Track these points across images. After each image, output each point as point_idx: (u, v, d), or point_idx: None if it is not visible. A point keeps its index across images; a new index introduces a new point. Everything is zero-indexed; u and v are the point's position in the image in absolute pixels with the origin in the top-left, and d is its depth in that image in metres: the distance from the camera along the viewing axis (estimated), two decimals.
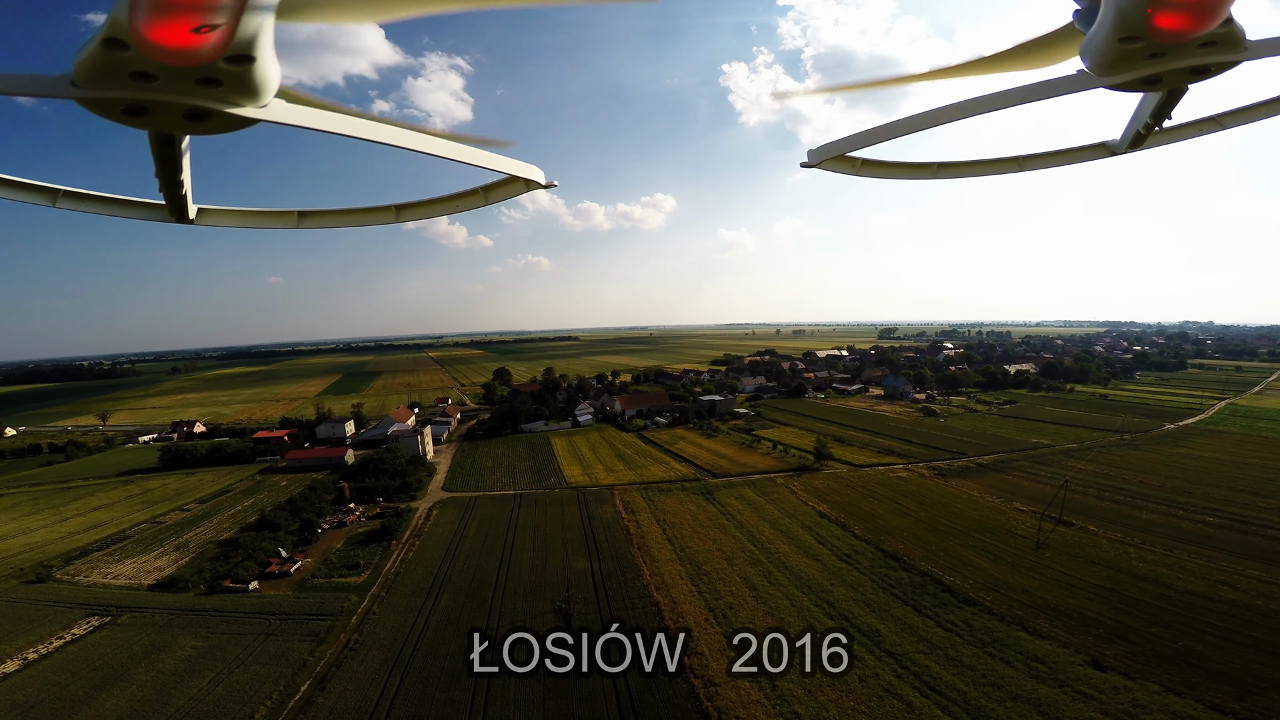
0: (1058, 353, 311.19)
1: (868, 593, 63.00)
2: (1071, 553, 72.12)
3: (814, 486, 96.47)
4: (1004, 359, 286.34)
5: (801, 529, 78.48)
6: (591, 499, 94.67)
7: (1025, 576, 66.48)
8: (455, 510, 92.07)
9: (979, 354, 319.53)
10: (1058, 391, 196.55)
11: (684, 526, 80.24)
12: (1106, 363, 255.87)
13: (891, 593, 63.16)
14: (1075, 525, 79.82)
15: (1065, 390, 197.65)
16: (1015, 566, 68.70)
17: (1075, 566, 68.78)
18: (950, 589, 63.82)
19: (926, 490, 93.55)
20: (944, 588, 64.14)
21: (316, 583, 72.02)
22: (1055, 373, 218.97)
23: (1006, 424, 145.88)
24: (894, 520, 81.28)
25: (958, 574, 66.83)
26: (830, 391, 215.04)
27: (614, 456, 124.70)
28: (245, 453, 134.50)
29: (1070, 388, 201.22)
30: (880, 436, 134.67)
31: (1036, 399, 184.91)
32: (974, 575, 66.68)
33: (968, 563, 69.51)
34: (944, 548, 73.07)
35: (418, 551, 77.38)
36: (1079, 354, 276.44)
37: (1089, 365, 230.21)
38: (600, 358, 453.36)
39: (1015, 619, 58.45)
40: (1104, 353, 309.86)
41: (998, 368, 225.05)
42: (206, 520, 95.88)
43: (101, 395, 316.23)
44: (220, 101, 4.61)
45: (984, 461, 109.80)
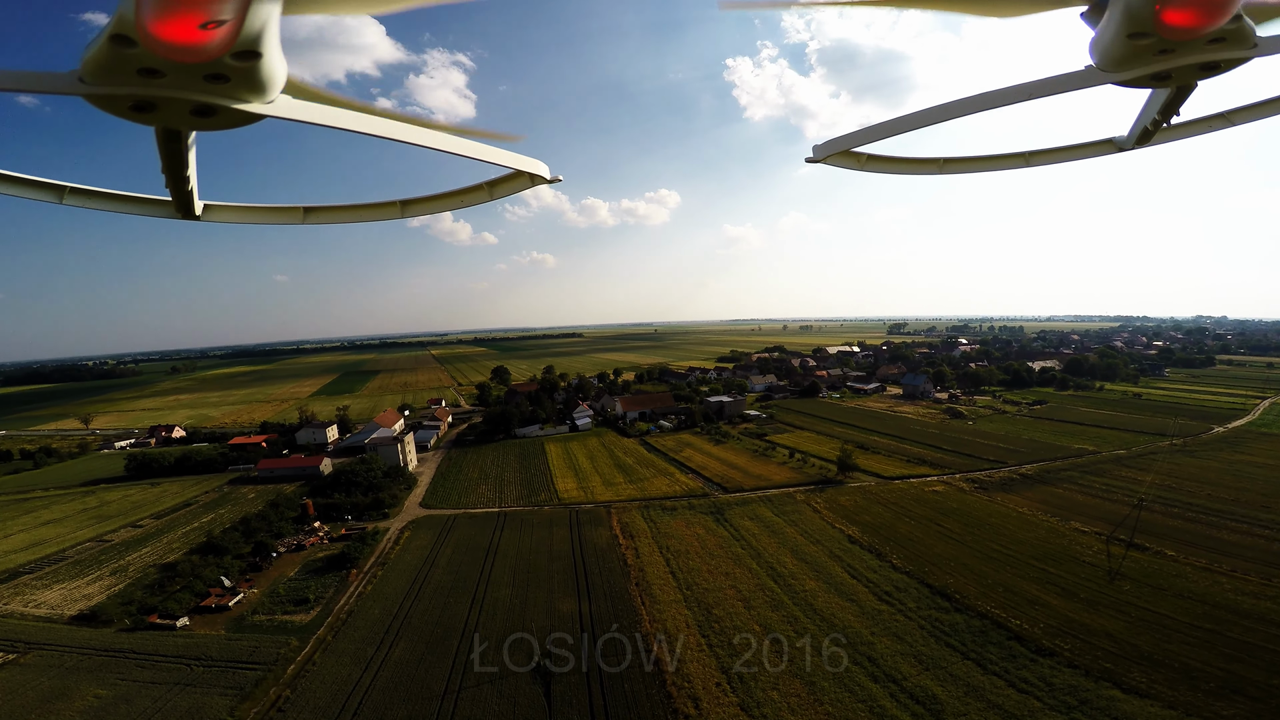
0: (1077, 348, 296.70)
1: (917, 643, 51.29)
2: (1153, 583, 60.45)
3: (839, 504, 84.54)
4: (1022, 355, 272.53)
5: (829, 558, 66.69)
6: (585, 519, 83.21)
7: (1105, 616, 54.96)
8: (430, 532, 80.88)
9: (997, 350, 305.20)
10: (1087, 390, 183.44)
11: (691, 555, 68.62)
12: (1133, 359, 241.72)
13: (946, 643, 51.47)
14: (1149, 549, 67.89)
15: (1095, 389, 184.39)
16: (1091, 603, 57.02)
17: (1162, 601, 57.33)
18: (1018, 635, 52.23)
19: (969, 508, 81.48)
20: (1010, 633, 52.57)
21: (257, 620, 61.27)
22: (1081, 370, 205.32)
23: (1040, 427, 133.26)
24: (937, 546, 69.37)
25: (1023, 615, 55.23)
26: (845, 391, 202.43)
27: (613, 467, 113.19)
28: (216, 461, 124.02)
29: (1100, 386, 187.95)
30: (907, 442, 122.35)
31: (1066, 398, 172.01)
32: (1043, 616, 55.05)
33: (1033, 599, 57.76)
34: (1002, 581, 61.23)
35: (379, 583, 66.28)
36: (1104, 350, 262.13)
37: (1116, 362, 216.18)
38: (603, 355, 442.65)
39: (1103, 672, 47.57)
40: (1125, 348, 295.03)
41: (1021, 365, 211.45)
42: (156, 539, 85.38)
43: (96, 397, 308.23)
44: (227, 97, 4.57)
45: (1027, 472, 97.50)
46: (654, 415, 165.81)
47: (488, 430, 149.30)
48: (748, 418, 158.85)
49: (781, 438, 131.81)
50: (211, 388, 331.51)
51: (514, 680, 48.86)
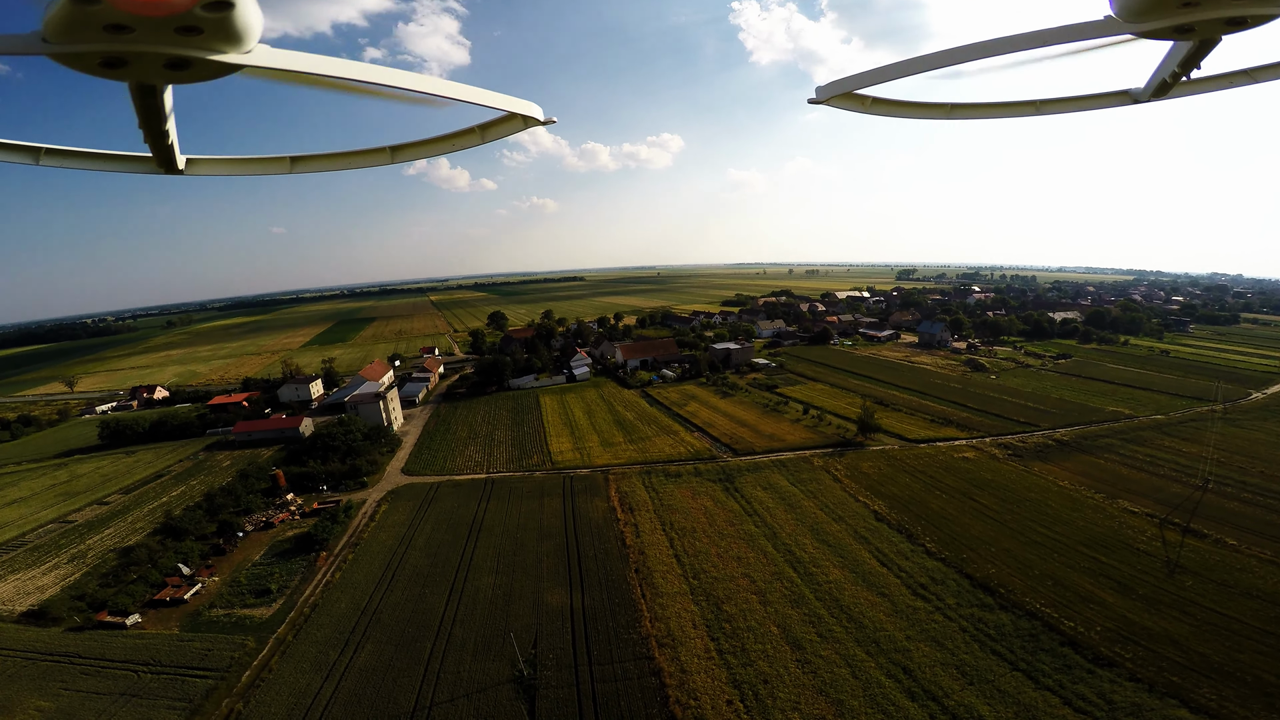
0: (1094, 300, 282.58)
1: (959, 650, 44.17)
2: (1217, 579, 53.06)
3: (861, 471, 76.57)
4: (1038, 305, 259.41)
5: (854, 540, 59.12)
6: (580, 487, 75.79)
7: (1167, 617, 47.85)
8: (410, 504, 73.76)
9: (1013, 299, 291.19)
10: (1110, 344, 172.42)
11: (697, 534, 61.19)
12: (1155, 313, 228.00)
13: (992, 649, 44.36)
14: (1208, 536, 59.98)
15: (1119, 343, 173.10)
16: (1150, 601, 49.77)
17: (1229, 601, 50.13)
18: (1073, 640, 45.15)
19: (1005, 479, 73.44)
20: (1063, 637, 45.52)
21: (214, 615, 54.92)
22: (1103, 323, 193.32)
23: (1068, 384, 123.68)
24: (974, 526, 61.67)
25: (1077, 614, 48.08)
26: (858, 338, 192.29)
27: (612, 423, 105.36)
28: (194, 425, 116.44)
29: (1124, 340, 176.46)
30: (929, 398, 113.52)
31: (1090, 352, 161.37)
32: (1099, 616, 47.89)
33: (1086, 596, 50.45)
34: (1049, 572, 53.74)
35: (349, 569, 59.50)
36: (1126, 302, 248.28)
37: (1139, 315, 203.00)
38: (605, 299, 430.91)
39: (1170, 688, 40.82)
40: (1143, 302, 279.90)
41: (1042, 315, 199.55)
42: (121, 518, 78.59)
43: (87, 356, 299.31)
44: (201, 49, 4.46)
45: (1063, 437, 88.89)
46: (656, 364, 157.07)
47: (480, 382, 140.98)
48: (756, 367, 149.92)
49: (793, 390, 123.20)
50: (204, 341, 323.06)
51: (493, 694, 42.23)
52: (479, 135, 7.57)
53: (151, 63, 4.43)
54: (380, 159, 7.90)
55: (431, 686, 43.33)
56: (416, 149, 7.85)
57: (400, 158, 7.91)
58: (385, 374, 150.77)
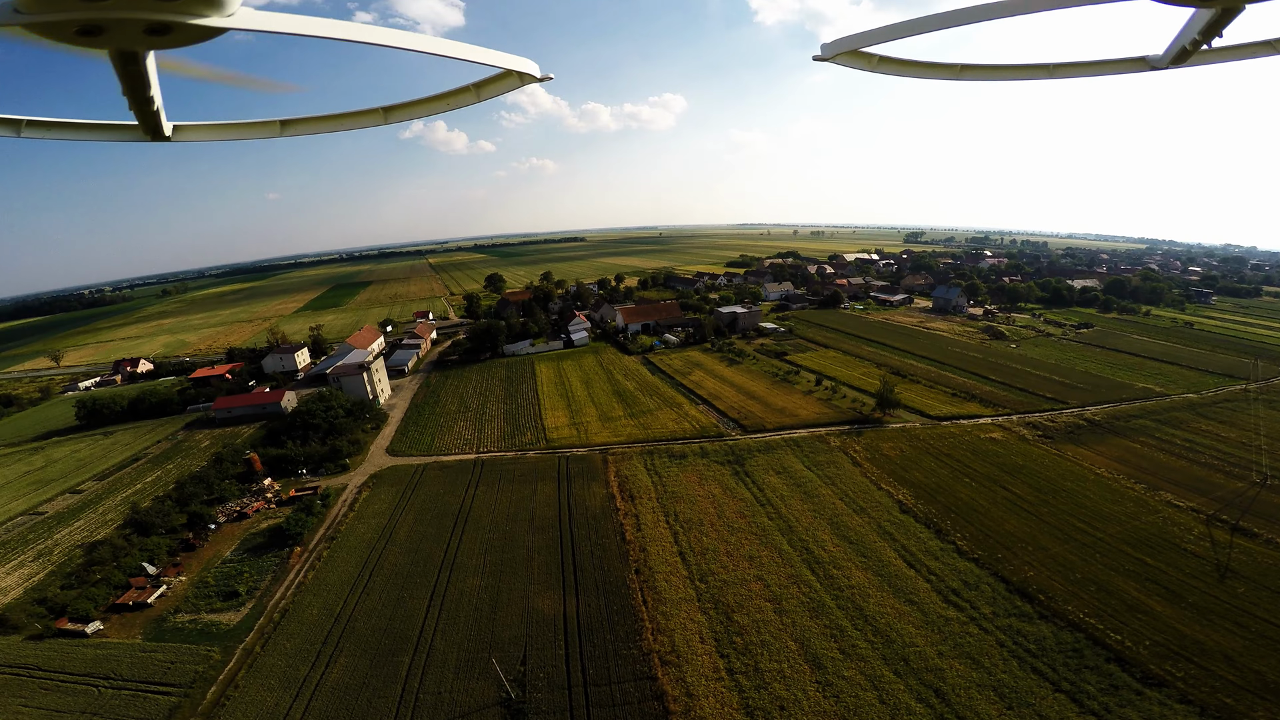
0: (1110, 268, 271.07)
1: (996, 668, 39.25)
2: (1271, 584, 48.46)
3: (882, 453, 70.83)
4: (1054, 272, 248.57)
5: (879, 536, 53.77)
6: (576, 470, 70.39)
7: (1220, 630, 43.19)
8: (393, 490, 68.62)
9: (1027, 265, 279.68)
10: (1132, 314, 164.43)
11: (705, 528, 55.91)
12: (1176, 284, 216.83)
13: (1033, 666, 39.49)
14: (1259, 535, 54.60)
15: (1140, 314, 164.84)
16: (1201, 610, 44.86)
17: None
18: (1120, 655, 40.40)
19: (1037, 465, 67.73)
20: (1109, 653, 40.77)
21: (179, 621, 50.46)
22: (1123, 292, 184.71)
23: (1092, 356, 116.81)
24: (1008, 520, 56.24)
25: (1123, 625, 43.30)
26: (870, 302, 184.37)
27: (611, 394, 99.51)
28: (173, 402, 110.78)
29: (1145, 310, 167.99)
30: (948, 369, 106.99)
31: (1112, 322, 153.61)
32: (1147, 628, 43.13)
33: (1133, 604, 45.43)
34: (1093, 575, 48.56)
35: (324, 568, 54.70)
36: (1146, 271, 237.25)
37: (1160, 286, 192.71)
38: (606, 260, 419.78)
39: (1223, 711, 36.75)
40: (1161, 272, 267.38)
41: (1061, 283, 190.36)
42: (92, 509, 73.56)
43: (80, 328, 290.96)
44: (181, 13, 4.28)
45: (1094, 417, 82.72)
46: (658, 328, 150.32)
47: (473, 349, 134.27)
48: (764, 332, 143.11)
49: (804, 358, 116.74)
50: (197, 310, 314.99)
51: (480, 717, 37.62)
52: (474, 94, 7.37)
53: (130, 29, 4.26)
54: (373, 120, 7.66)
55: (410, 709, 38.78)
56: (410, 109, 7.56)
57: (394, 118, 7.64)
58: (375, 341, 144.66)
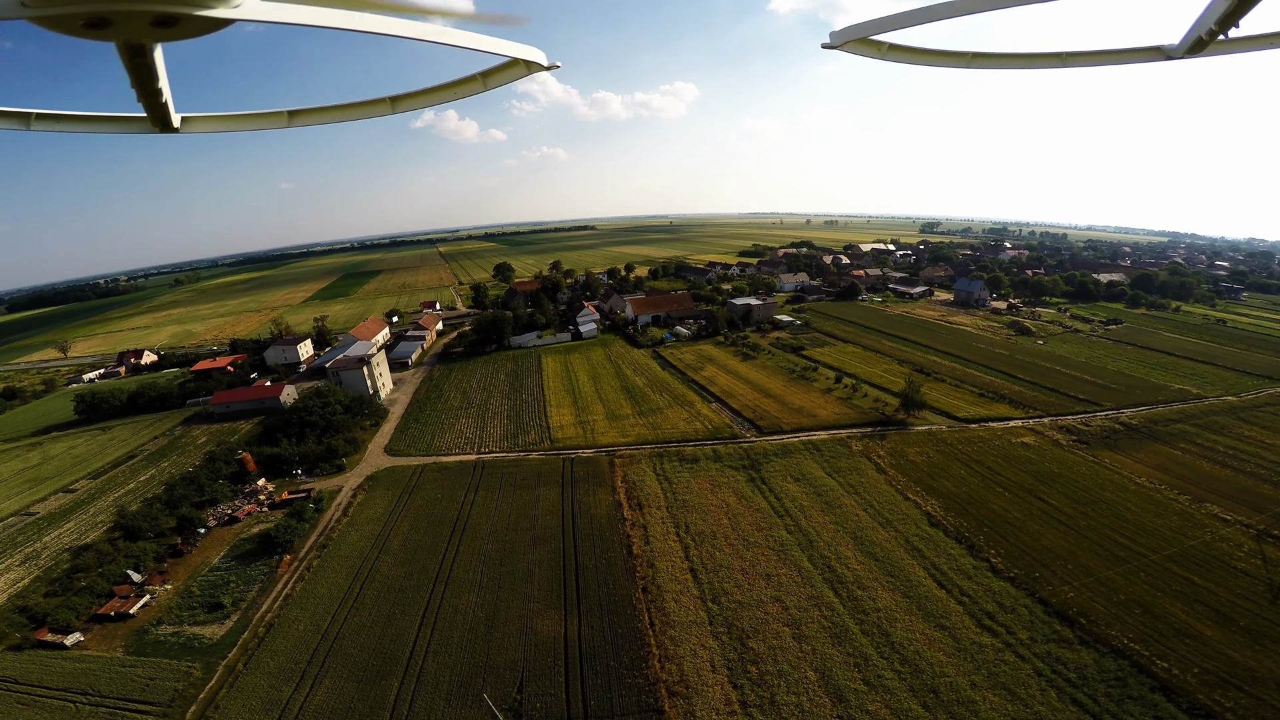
0: (1134, 262, 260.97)
1: (1034, 700, 35.36)
2: None
3: (907, 458, 66.31)
4: (1077, 265, 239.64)
5: (906, 552, 49.54)
6: (582, 474, 66.68)
7: (1273, 655, 39.70)
8: (389, 493, 65.40)
9: (1049, 258, 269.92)
10: (1161, 310, 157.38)
11: (718, 541, 51.97)
12: (1205, 278, 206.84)
13: (1073, 698, 35.66)
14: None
15: (1170, 310, 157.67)
16: (1253, 634, 41.04)
17: None
18: (1166, 685, 36.70)
19: (1074, 473, 62.99)
20: (1155, 682, 37.05)
21: (161, 634, 47.69)
22: (1150, 286, 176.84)
23: (1124, 354, 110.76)
24: (1045, 535, 51.76)
25: (1169, 650, 39.54)
26: (888, 294, 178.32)
27: (619, 390, 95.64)
28: (173, 396, 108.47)
29: (1175, 307, 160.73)
30: (974, 366, 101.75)
31: (1140, 319, 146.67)
32: (1195, 653, 39.25)
33: (1180, 628, 41.25)
34: (1137, 596, 44.25)
35: (313, 578, 51.61)
36: (1173, 265, 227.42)
37: (1188, 280, 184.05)
38: (617, 249, 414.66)
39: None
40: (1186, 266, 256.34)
41: (1086, 276, 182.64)
42: (84, 509, 71.00)
43: (91, 318, 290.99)
44: (188, 5, 4.30)
45: (1130, 420, 77.42)
46: (669, 320, 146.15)
47: (478, 340, 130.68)
48: (779, 325, 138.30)
49: (822, 353, 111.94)
50: (207, 299, 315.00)
51: None
52: (481, 83, 7.28)
53: (137, 21, 4.27)
54: (380, 109, 7.55)
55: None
56: (417, 98, 7.53)
57: (401, 107, 7.55)
58: (379, 332, 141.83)
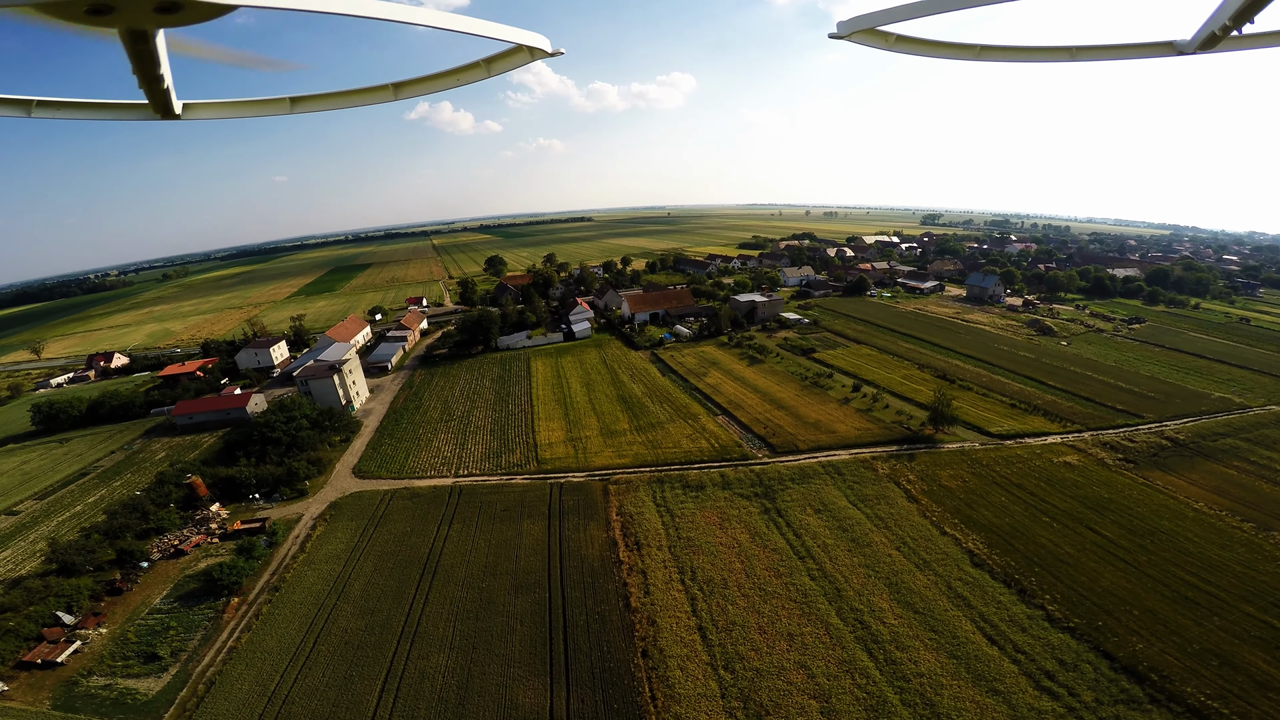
0: (1144, 256, 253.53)
1: None
2: None
3: (940, 483, 58.78)
4: (1086, 258, 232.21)
5: (949, 600, 42.25)
6: (572, 504, 58.91)
7: None
8: (353, 524, 57.65)
9: (1058, 251, 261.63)
10: (1180, 307, 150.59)
11: (730, 591, 44.44)
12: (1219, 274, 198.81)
13: None
14: None
15: (1189, 306, 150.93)
16: None
17: None
18: None
19: (1124, 498, 55.96)
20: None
21: (92, 686, 41.00)
22: (1166, 282, 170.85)
23: (1153, 356, 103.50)
24: (1103, 573, 44.80)
25: (1251, 707, 34.34)
26: (898, 289, 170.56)
27: (615, 401, 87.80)
28: (135, 405, 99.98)
29: (1194, 304, 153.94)
30: (1000, 372, 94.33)
31: (1161, 316, 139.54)
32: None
33: (1261, 680, 36.06)
34: (1210, 644, 38.02)
35: (262, 627, 44.17)
36: (1187, 261, 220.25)
37: (1205, 276, 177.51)
38: (613, 240, 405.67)
39: None
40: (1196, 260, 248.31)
41: (1102, 271, 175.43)
42: (23, 536, 63.09)
43: (71, 316, 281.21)
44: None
45: (1176, 435, 70.31)
46: (669, 318, 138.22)
47: (464, 341, 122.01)
48: (786, 323, 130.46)
49: (835, 356, 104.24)
50: (191, 295, 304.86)
51: None
52: (484, 69, 7.22)
53: (140, 8, 4.28)
54: (384, 96, 7.53)
55: None
56: (421, 85, 7.48)
57: (404, 94, 7.49)
58: (359, 332, 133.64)
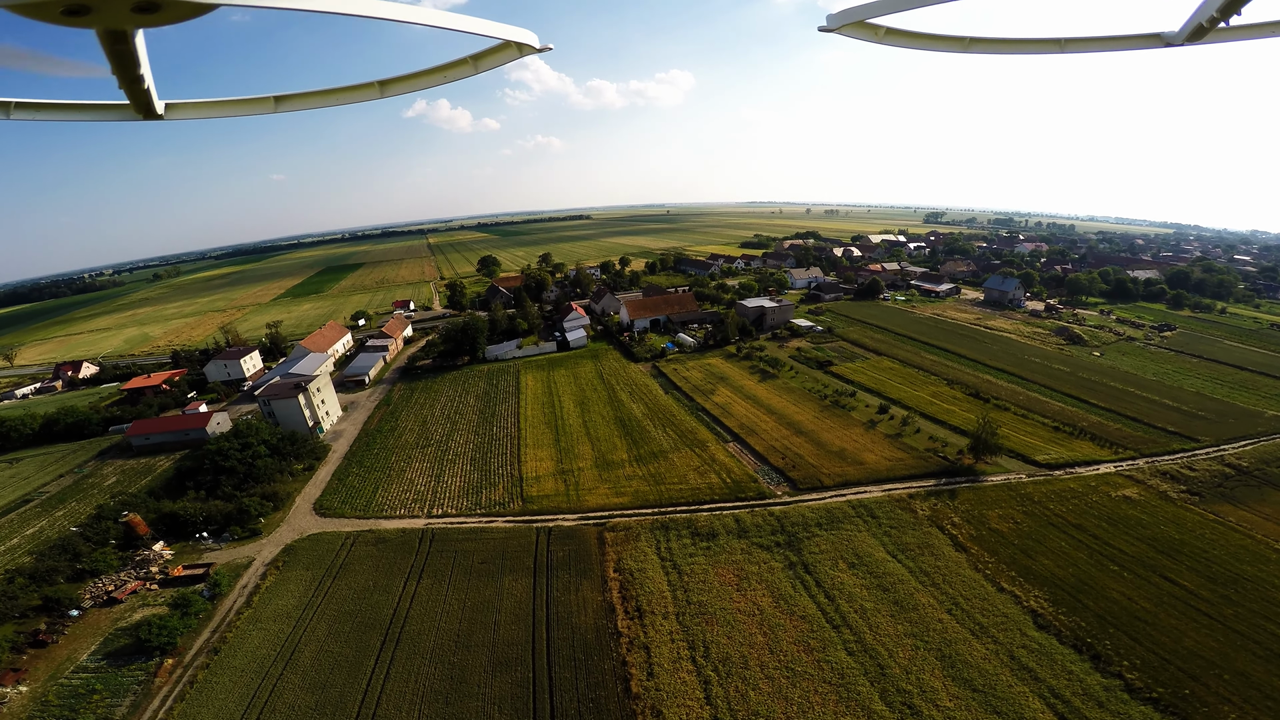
0: (1155, 256, 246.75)
1: None
2: None
3: (989, 526, 50.93)
4: (1098, 258, 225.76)
5: (1012, 674, 34.81)
6: (562, 555, 50.68)
7: None
8: (308, 574, 49.68)
9: (1073, 252, 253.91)
10: (1207, 312, 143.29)
11: (752, 672, 36.60)
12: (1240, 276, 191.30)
13: None
14: None
15: (1216, 311, 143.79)
16: None
17: None
18: None
19: (1196, 537, 48.60)
20: None
21: None
22: (1187, 284, 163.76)
23: (1192, 369, 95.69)
24: (1185, 632, 38.01)
25: None
26: (912, 292, 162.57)
27: (613, 424, 79.43)
28: (91, 423, 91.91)
29: (1221, 308, 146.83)
30: (1035, 388, 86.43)
31: (1190, 322, 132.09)
32: None
33: None
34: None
35: (196, 698, 37.60)
36: (1206, 262, 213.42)
37: (1226, 279, 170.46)
38: (612, 239, 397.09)
39: None
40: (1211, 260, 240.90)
41: (1122, 273, 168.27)
42: None
43: (54, 319, 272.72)
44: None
45: (1237, 459, 63.04)
46: (671, 325, 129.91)
47: (448, 351, 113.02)
48: (798, 331, 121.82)
49: (854, 370, 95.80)
50: (178, 296, 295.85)
51: None
52: (471, 65, 7.13)
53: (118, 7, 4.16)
54: (369, 94, 7.45)
55: None
56: (407, 82, 7.38)
57: (390, 91, 7.42)
58: (339, 340, 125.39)
